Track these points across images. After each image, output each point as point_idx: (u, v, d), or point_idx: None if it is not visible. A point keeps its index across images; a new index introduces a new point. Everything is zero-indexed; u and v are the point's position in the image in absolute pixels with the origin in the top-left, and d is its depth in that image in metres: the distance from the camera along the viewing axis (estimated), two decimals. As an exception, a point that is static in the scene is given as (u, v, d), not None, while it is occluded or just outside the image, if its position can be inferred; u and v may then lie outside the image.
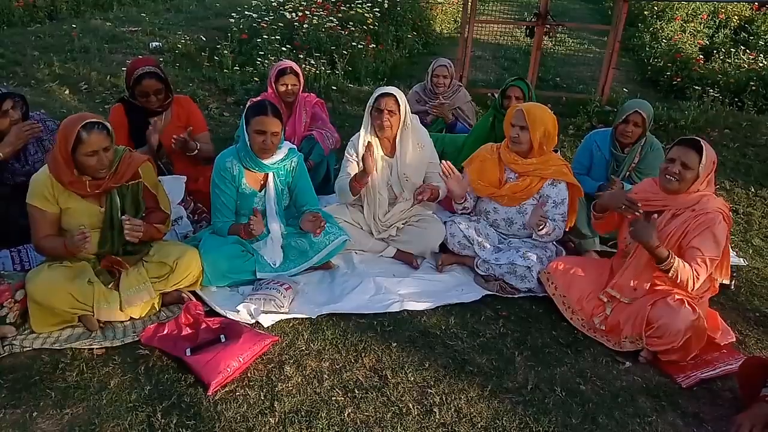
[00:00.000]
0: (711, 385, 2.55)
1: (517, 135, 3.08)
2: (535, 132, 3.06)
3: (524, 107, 3.10)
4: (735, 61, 7.52)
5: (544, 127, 3.08)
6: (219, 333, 2.58)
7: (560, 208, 3.17)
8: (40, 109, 4.22)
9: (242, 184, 3.02)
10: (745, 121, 5.98)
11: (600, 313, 2.78)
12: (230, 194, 3.01)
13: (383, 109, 3.18)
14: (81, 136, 2.45)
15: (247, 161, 2.96)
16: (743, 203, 4.45)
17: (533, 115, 3.07)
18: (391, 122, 3.22)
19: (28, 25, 7.92)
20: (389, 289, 3.06)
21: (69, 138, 2.45)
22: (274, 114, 2.88)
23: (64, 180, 2.52)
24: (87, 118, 2.50)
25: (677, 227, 2.62)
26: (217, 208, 3.02)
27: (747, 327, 2.99)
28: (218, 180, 3.00)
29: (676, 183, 2.61)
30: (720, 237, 2.57)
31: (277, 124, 2.88)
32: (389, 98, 3.18)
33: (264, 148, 2.89)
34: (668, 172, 2.62)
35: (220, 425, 2.17)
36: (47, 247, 2.61)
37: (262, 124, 2.85)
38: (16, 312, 2.57)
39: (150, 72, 3.30)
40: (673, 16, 10.08)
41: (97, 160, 2.50)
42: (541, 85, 7.14)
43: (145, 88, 3.30)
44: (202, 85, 6.18)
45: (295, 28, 7.27)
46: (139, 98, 3.35)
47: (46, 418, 2.18)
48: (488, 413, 2.31)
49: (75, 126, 2.46)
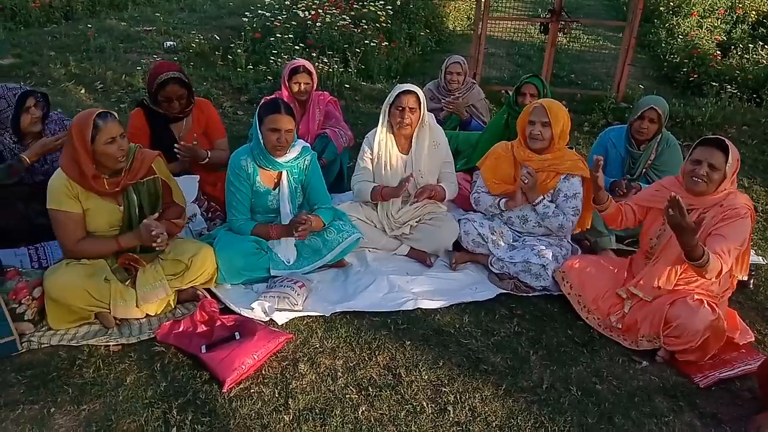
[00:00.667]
0: (729, 385, 2.52)
1: (539, 132, 3.06)
2: (556, 127, 3.05)
3: (545, 103, 3.09)
4: (753, 57, 7.39)
5: (563, 122, 3.08)
6: (233, 330, 2.59)
7: (571, 201, 3.13)
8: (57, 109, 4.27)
9: (257, 182, 3.03)
10: (764, 117, 5.89)
11: (617, 311, 2.75)
12: (246, 192, 3.02)
13: (404, 106, 3.17)
14: (97, 125, 2.49)
15: (261, 159, 2.97)
16: (762, 201, 4.38)
17: (554, 111, 3.06)
18: (412, 120, 3.21)
19: (45, 26, 8.01)
20: (403, 288, 3.05)
21: (86, 131, 2.48)
22: (287, 112, 2.89)
23: (85, 177, 2.54)
24: (97, 110, 2.55)
25: (706, 224, 2.54)
26: (233, 206, 3.04)
27: (766, 326, 2.94)
28: (233, 178, 3.01)
29: (704, 185, 2.55)
30: (745, 230, 2.51)
31: (290, 121, 2.89)
32: (410, 96, 3.17)
33: (278, 145, 2.90)
34: (695, 174, 2.55)
35: (234, 422, 2.18)
36: (89, 250, 2.63)
37: (275, 122, 2.86)
38: (34, 309, 2.60)
39: (174, 78, 3.28)
40: (690, 12, 9.94)
41: (117, 147, 2.54)
42: (556, 81, 7.08)
43: (169, 93, 3.27)
44: (215, 84, 6.22)
45: (308, 27, 7.28)
46: (162, 103, 3.32)
47: (63, 414, 2.20)
48: (503, 412, 2.30)
49: (89, 118, 2.49)
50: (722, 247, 2.45)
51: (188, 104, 3.40)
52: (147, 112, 3.38)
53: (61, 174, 2.58)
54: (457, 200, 3.69)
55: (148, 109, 3.38)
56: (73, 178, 2.55)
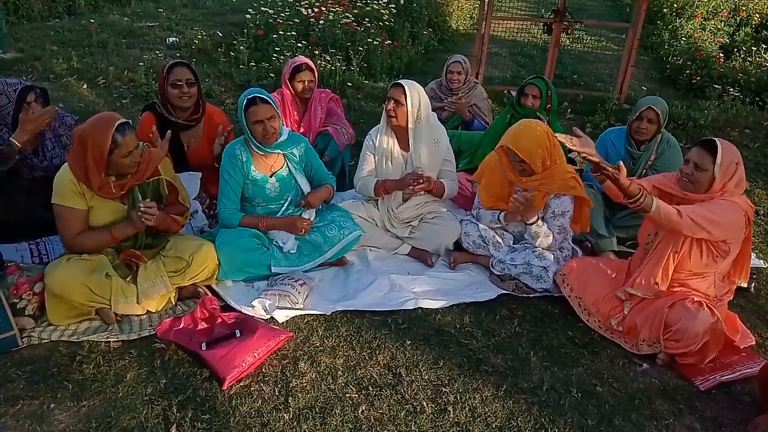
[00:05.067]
0: (730, 388, 2.52)
1: (522, 166, 3.00)
2: (535, 161, 2.96)
3: (512, 144, 2.95)
4: (756, 60, 7.39)
5: (542, 150, 2.96)
6: (234, 328, 2.59)
7: (558, 219, 3.07)
8: (59, 104, 4.26)
9: (252, 171, 3.05)
10: (766, 120, 5.89)
11: (617, 314, 2.75)
12: (238, 180, 3.05)
13: (391, 97, 3.24)
14: (116, 140, 2.48)
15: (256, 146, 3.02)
16: (764, 204, 4.38)
17: (527, 150, 2.93)
18: (396, 112, 3.23)
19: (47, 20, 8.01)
20: (403, 287, 3.05)
21: (103, 144, 2.47)
22: (263, 101, 2.92)
23: (93, 185, 2.55)
24: (116, 120, 2.51)
25: None
26: (225, 193, 3.05)
27: (767, 330, 2.94)
28: (228, 166, 3.04)
29: (690, 185, 2.58)
30: (725, 207, 2.46)
31: (269, 109, 2.92)
32: (397, 88, 3.22)
33: (267, 135, 2.94)
34: (682, 173, 2.61)
35: (234, 420, 2.18)
36: (87, 243, 2.62)
37: (255, 114, 2.91)
38: (35, 304, 2.60)
39: (182, 62, 3.29)
40: (693, 14, 9.94)
41: (131, 159, 2.55)
42: (559, 82, 7.07)
43: (177, 75, 3.21)
44: (218, 81, 6.21)
45: (310, 24, 7.27)
46: (171, 90, 3.21)
47: (63, 410, 2.20)
48: (503, 413, 2.29)
49: (108, 130, 2.47)
50: (689, 209, 2.44)
51: (197, 109, 3.35)
52: (158, 117, 3.30)
53: (68, 170, 2.58)
54: (459, 200, 3.69)
55: (158, 115, 3.31)
56: (78, 179, 2.55)
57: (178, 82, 3.22)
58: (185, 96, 3.25)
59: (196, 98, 3.32)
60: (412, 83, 3.27)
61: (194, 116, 3.36)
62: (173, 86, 3.23)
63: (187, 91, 3.25)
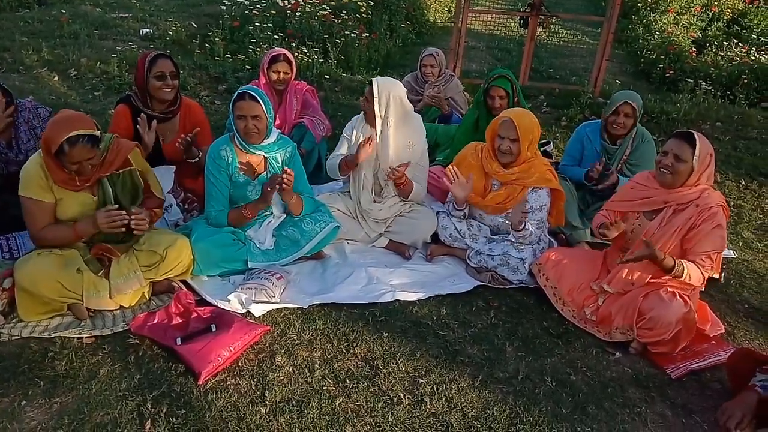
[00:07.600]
0: (700, 376, 2.57)
1: (509, 147, 3.02)
2: (525, 142, 3.01)
3: (514, 118, 2.99)
4: (727, 54, 7.53)
5: (533, 135, 3.04)
6: (210, 322, 2.57)
7: (537, 214, 3.10)
8: (29, 96, 4.17)
9: (235, 172, 3.01)
10: (737, 114, 6.00)
11: (591, 303, 2.79)
12: (224, 182, 3.00)
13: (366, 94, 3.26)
14: (63, 149, 2.40)
15: (241, 142, 2.98)
16: (734, 196, 4.48)
17: (524, 126, 2.99)
18: (366, 108, 3.28)
19: (17, 11, 7.81)
20: (381, 280, 3.05)
21: (50, 146, 2.41)
22: (252, 99, 2.88)
23: (56, 178, 2.50)
24: (72, 130, 2.39)
25: (682, 223, 2.60)
26: (212, 196, 3.01)
27: (736, 319, 3.01)
28: (212, 168, 2.99)
29: (669, 176, 2.60)
30: (723, 234, 2.59)
31: (255, 107, 2.88)
32: (370, 85, 3.22)
33: (248, 132, 2.91)
34: (661, 165, 2.62)
35: (210, 414, 2.17)
36: (50, 237, 2.56)
37: (240, 109, 2.88)
38: (5, 300, 2.55)
39: (164, 54, 3.22)
40: (667, 9, 10.08)
41: (80, 167, 2.48)
42: (535, 76, 7.12)
43: (161, 67, 3.14)
44: (193, 73, 6.13)
45: (287, 16, 7.21)
46: (154, 82, 3.14)
47: (35, 407, 2.16)
48: (479, 403, 2.32)
49: (59, 135, 2.39)
50: (706, 257, 2.56)
51: (174, 102, 3.29)
52: (132, 110, 3.24)
53: (36, 161, 2.52)
54: (436, 194, 3.70)
55: (133, 107, 3.24)
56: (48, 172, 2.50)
57: (163, 75, 3.16)
58: (168, 88, 3.20)
59: (176, 91, 3.28)
60: (390, 83, 3.23)
61: (170, 108, 3.31)
62: (157, 78, 3.16)
63: (171, 83, 3.20)
